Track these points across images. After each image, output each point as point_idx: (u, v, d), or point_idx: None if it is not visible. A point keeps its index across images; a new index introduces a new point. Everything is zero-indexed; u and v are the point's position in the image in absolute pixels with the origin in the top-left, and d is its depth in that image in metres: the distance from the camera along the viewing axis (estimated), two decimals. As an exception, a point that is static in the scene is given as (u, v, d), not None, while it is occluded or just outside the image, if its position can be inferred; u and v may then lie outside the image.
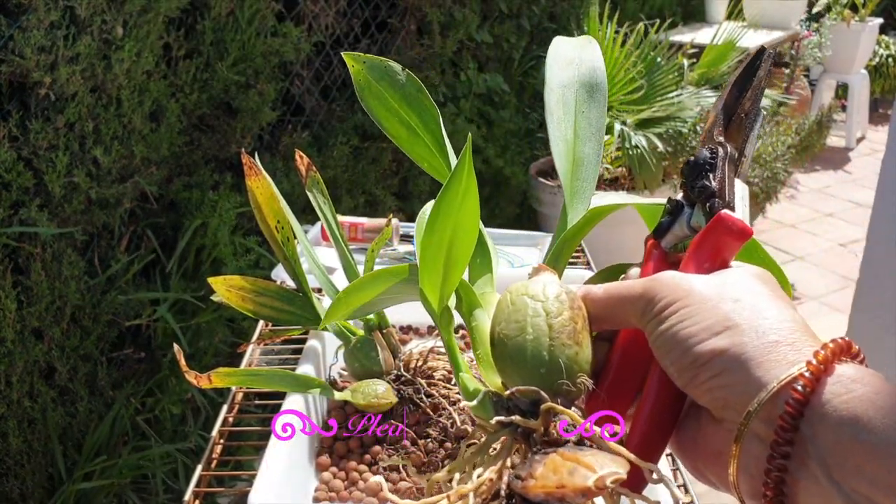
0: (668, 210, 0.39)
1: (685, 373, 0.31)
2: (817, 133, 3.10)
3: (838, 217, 3.38)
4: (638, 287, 0.34)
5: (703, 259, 0.36)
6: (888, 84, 4.38)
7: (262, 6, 1.83)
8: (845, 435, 0.27)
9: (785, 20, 3.65)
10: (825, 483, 0.28)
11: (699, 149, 0.39)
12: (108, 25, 1.51)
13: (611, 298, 0.36)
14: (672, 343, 0.32)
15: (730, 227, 0.35)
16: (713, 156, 0.38)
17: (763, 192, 2.76)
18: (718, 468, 0.32)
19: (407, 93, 0.44)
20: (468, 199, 0.35)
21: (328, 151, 2.11)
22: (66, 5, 1.44)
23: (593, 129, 0.44)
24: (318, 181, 0.76)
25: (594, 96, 0.45)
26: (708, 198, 0.37)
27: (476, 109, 2.63)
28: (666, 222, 0.39)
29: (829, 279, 2.84)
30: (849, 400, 0.28)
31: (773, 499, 0.29)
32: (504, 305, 0.36)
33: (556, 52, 0.46)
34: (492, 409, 0.36)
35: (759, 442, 0.29)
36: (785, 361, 0.29)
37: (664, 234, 0.39)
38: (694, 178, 0.38)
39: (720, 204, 0.36)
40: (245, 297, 0.72)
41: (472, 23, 2.48)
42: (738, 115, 0.39)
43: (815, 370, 0.29)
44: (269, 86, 1.88)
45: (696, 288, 0.33)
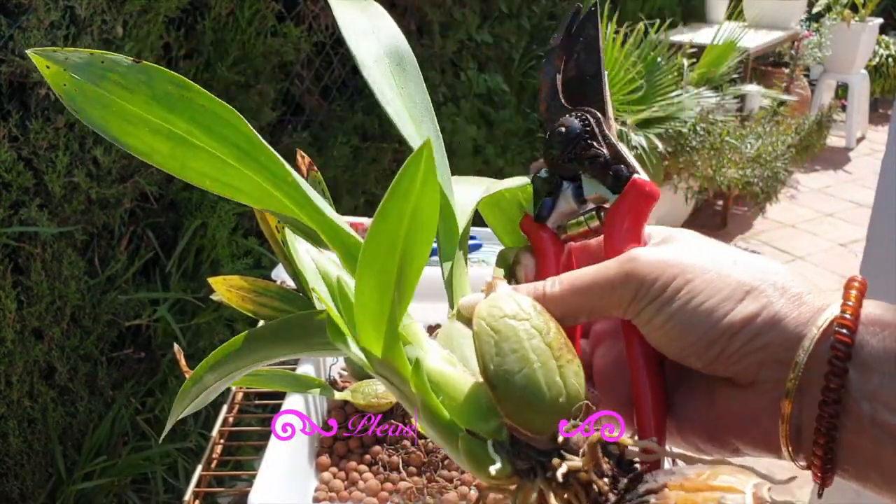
0: (545, 190, 0.37)
1: (713, 347, 0.30)
2: (817, 133, 3.11)
3: (838, 217, 3.38)
4: (613, 274, 0.32)
5: (625, 229, 0.35)
6: (888, 84, 4.38)
7: (263, 6, 1.83)
8: (888, 374, 0.28)
9: (785, 20, 3.65)
10: (870, 427, 0.28)
11: (561, 120, 0.37)
12: (108, 25, 1.51)
13: (578, 293, 0.33)
14: (693, 321, 0.30)
15: (646, 191, 0.35)
16: (586, 123, 0.36)
17: (763, 192, 2.76)
18: (754, 433, 0.31)
19: (160, 92, 0.32)
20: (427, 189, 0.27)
21: (328, 151, 2.11)
22: (66, 5, 1.44)
23: (421, 108, 0.39)
24: (319, 180, 0.76)
25: (407, 69, 0.40)
26: (606, 166, 0.35)
27: (476, 109, 2.63)
28: (548, 202, 0.37)
29: (830, 279, 2.84)
30: (885, 338, 0.28)
31: (824, 447, 0.28)
32: (485, 336, 0.30)
33: (346, 19, 0.39)
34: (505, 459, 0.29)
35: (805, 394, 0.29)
36: (817, 309, 0.30)
37: (549, 215, 0.37)
38: (572, 149, 0.36)
39: (626, 169, 0.35)
40: (245, 297, 0.71)
41: (472, 23, 2.48)
42: (582, 79, 0.37)
43: (853, 311, 0.29)
44: (270, 86, 1.88)
45: (686, 260, 0.32)
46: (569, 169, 0.37)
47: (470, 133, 2.53)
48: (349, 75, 2.27)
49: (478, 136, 2.60)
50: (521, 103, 2.90)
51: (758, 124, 2.85)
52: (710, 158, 2.65)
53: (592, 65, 0.37)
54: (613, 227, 0.35)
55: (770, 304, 0.30)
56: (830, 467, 0.29)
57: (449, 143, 2.48)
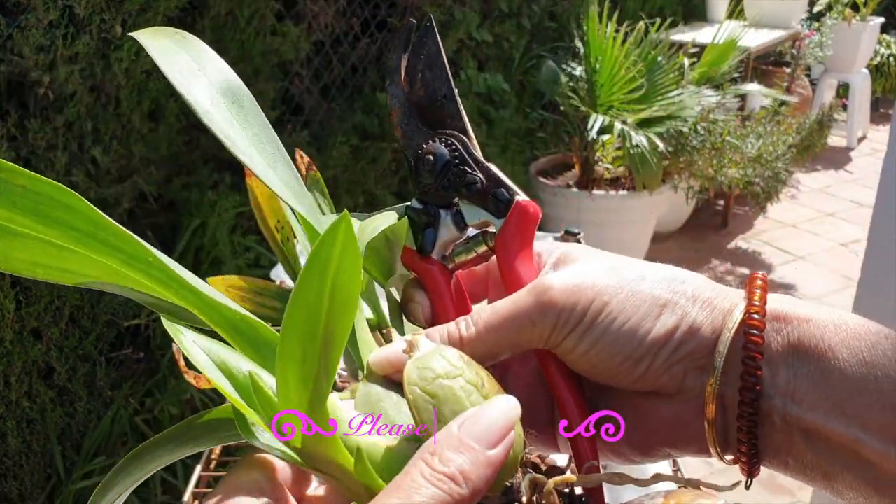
0: (423, 221, 0.35)
1: (639, 365, 0.31)
2: (818, 132, 3.10)
3: (839, 217, 3.37)
4: (530, 306, 0.32)
5: (516, 251, 0.34)
6: (889, 83, 4.37)
7: (262, 5, 1.83)
8: (793, 367, 0.29)
9: (786, 19, 3.65)
10: (781, 421, 0.29)
11: (426, 147, 0.35)
12: (107, 24, 1.51)
13: (496, 331, 0.32)
14: (617, 343, 0.31)
15: (530, 212, 0.34)
16: (453, 148, 0.35)
17: (764, 192, 2.75)
18: (683, 438, 0.32)
19: None
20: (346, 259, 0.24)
21: (328, 151, 2.11)
22: (65, 4, 1.44)
23: (270, 147, 0.35)
24: (319, 180, 0.76)
25: (245, 106, 0.35)
26: (484, 191, 0.34)
27: (476, 108, 2.63)
28: (430, 233, 0.35)
29: (831, 279, 2.83)
30: (788, 333, 0.30)
31: (748, 444, 0.30)
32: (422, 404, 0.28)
33: (165, 60, 0.33)
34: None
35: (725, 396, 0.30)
36: (726, 311, 0.31)
37: (433, 247, 0.36)
38: (444, 176, 0.34)
39: (506, 192, 0.34)
40: (244, 297, 0.71)
41: (472, 22, 2.48)
42: (434, 100, 0.35)
43: (759, 310, 0.30)
44: (269, 85, 1.88)
45: (598, 282, 0.32)
46: (444, 197, 0.35)
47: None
48: (348, 75, 2.27)
49: (478, 135, 2.60)
50: (521, 103, 2.89)
51: (759, 124, 2.84)
52: (710, 158, 2.65)
53: (442, 84, 0.36)
54: (506, 252, 0.34)
55: (686, 315, 0.31)
56: (756, 461, 0.31)
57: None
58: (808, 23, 3.95)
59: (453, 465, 0.25)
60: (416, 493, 0.24)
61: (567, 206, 2.64)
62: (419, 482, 0.25)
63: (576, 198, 2.64)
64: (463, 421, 0.27)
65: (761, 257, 3.02)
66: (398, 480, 0.25)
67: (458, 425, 0.26)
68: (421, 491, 0.24)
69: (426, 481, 0.25)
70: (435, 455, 0.25)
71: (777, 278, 2.85)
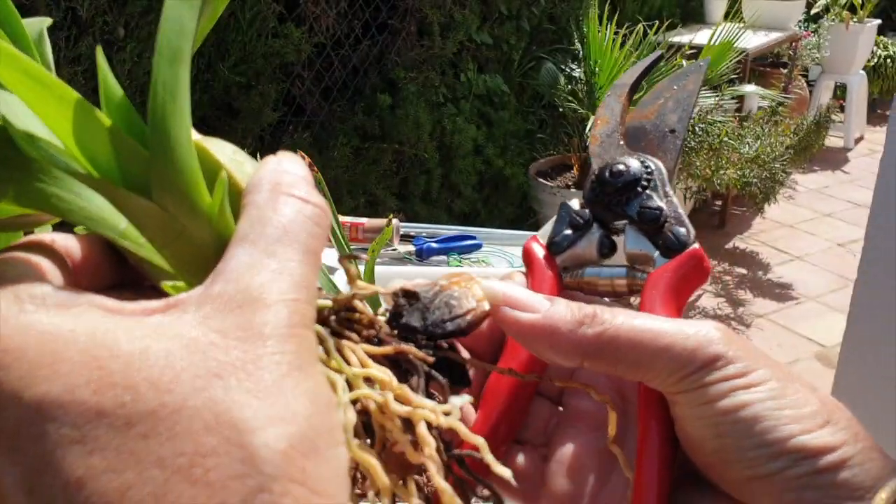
0: (569, 222, 0.31)
1: (772, 462, 0.25)
2: (816, 133, 3.11)
3: (837, 217, 3.39)
4: (687, 330, 0.26)
5: (667, 301, 0.29)
6: (886, 84, 4.39)
7: (264, 7, 1.84)
8: None
9: (784, 21, 3.66)
10: None
11: (619, 158, 0.32)
12: (109, 27, 1.52)
13: (636, 333, 0.27)
14: (763, 422, 0.25)
15: (703, 266, 0.30)
16: (649, 171, 0.31)
17: (762, 193, 2.77)
18: None
19: None
20: None
21: (329, 152, 2.12)
22: (68, 6, 1.45)
23: None
24: (320, 181, 0.77)
25: None
26: (663, 223, 0.30)
27: (476, 110, 2.64)
28: (568, 237, 0.31)
29: (828, 279, 2.84)
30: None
31: None
32: None
33: None
34: None
35: None
36: (885, 468, 0.26)
37: (562, 250, 0.31)
38: (626, 192, 0.31)
39: (687, 234, 0.30)
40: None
41: (472, 24, 2.49)
42: (658, 129, 0.33)
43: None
44: (271, 87, 1.89)
45: (768, 360, 0.27)
46: (610, 214, 0.31)
47: (470, 133, 2.54)
48: (350, 76, 2.28)
49: (477, 136, 2.61)
50: (520, 104, 2.90)
51: (756, 125, 2.86)
52: (708, 159, 2.66)
53: (678, 120, 0.33)
54: (654, 295, 0.29)
55: (846, 444, 0.26)
56: None
57: (449, 143, 2.49)
58: (806, 24, 3.96)
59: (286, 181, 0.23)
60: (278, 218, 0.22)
61: (566, 207, 2.66)
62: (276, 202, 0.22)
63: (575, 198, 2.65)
64: None
65: (759, 257, 3.03)
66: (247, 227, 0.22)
67: None
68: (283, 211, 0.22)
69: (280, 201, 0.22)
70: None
71: (775, 278, 2.87)
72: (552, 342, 0.27)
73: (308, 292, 0.21)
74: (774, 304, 2.69)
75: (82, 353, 0.19)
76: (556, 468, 0.30)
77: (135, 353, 0.19)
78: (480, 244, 1.33)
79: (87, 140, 0.23)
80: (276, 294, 0.20)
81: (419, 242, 1.34)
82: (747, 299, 2.72)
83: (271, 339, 0.20)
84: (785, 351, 2.41)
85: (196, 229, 0.24)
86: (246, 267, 0.21)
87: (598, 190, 0.32)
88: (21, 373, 0.18)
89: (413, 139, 2.29)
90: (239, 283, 0.20)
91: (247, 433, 0.18)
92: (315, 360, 0.21)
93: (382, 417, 0.23)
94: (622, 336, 0.26)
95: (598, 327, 0.27)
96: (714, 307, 2.66)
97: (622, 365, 0.27)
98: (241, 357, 0.19)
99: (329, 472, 0.19)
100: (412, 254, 1.33)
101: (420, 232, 1.39)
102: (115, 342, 0.19)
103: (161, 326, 0.20)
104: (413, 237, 1.37)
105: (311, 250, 0.22)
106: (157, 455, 0.17)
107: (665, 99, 0.34)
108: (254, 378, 0.19)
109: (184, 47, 0.23)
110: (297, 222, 0.22)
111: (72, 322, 0.19)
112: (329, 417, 0.20)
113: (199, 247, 0.23)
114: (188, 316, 0.20)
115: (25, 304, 0.20)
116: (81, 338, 0.19)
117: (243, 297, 0.20)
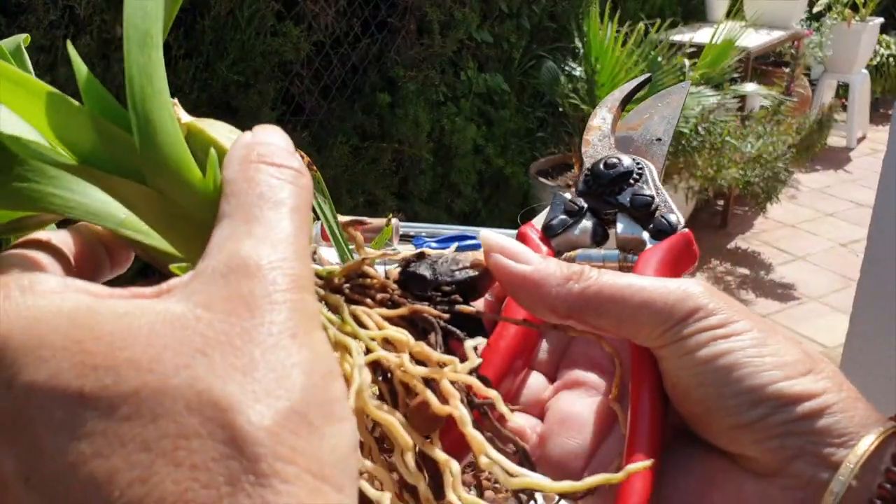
0: (564, 208, 0.33)
1: (754, 409, 0.25)
2: (818, 133, 3.10)
3: (839, 217, 3.38)
4: (667, 286, 0.27)
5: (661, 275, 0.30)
6: (889, 84, 4.38)
7: (262, 6, 1.83)
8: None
9: (786, 19, 3.65)
10: None
11: (612, 153, 0.34)
12: (107, 25, 1.51)
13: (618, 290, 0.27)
14: (744, 370, 0.25)
15: (692, 249, 0.31)
16: (640, 166, 0.33)
17: (764, 192, 2.76)
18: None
19: None
20: None
21: (328, 151, 2.11)
22: (66, 5, 1.44)
23: None
24: (319, 180, 0.76)
25: None
26: (654, 210, 0.32)
27: (476, 109, 2.63)
28: (563, 221, 0.33)
29: (830, 279, 2.83)
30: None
31: None
32: None
33: None
34: None
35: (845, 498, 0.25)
36: (875, 417, 0.26)
37: (556, 234, 0.33)
38: (618, 184, 0.33)
39: (677, 219, 0.31)
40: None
41: (472, 22, 2.48)
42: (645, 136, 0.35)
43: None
44: (269, 85, 1.88)
45: (751, 314, 0.27)
46: (603, 204, 0.33)
47: (470, 132, 2.53)
48: (348, 75, 2.27)
49: (478, 135, 2.60)
50: (521, 103, 2.90)
51: (758, 124, 2.85)
52: (710, 158, 2.65)
53: (664, 131, 0.36)
54: (646, 271, 0.30)
55: (828, 392, 0.26)
56: None
57: (449, 142, 2.48)
58: (808, 23, 3.95)
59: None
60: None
61: (567, 207, 2.65)
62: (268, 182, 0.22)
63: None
64: None
65: (761, 257, 3.02)
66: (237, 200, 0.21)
67: None
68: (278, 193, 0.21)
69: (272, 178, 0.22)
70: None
71: (777, 278, 2.86)
72: (541, 294, 0.27)
73: (296, 249, 0.20)
74: (776, 304, 2.68)
75: (65, 336, 0.18)
76: (553, 429, 0.30)
77: (116, 333, 0.18)
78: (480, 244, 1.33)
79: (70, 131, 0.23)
80: (262, 258, 0.19)
81: (419, 242, 1.33)
82: (749, 299, 2.71)
83: (260, 307, 0.19)
84: (787, 351, 2.40)
85: (194, 209, 0.23)
86: (226, 238, 0.20)
87: (591, 182, 0.33)
88: (8, 361, 0.18)
89: (412, 138, 2.28)
90: (221, 254, 0.20)
91: (230, 411, 0.17)
92: (313, 325, 0.20)
93: (404, 376, 0.23)
94: (605, 291, 0.27)
95: (584, 282, 0.27)
96: (715, 307, 2.65)
97: (606, 319, 0.27)
98: (226, 330, 0.18)
99: (326, 449, 0.18)
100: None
101: (420, 232, 1.39)
102: (98, 322, 0.18)
103: (145, 305, 0.19)
104: (413, 237, 1.36)
105: (294, 208, 0.21)
106: (142, 438, 0.17)
107: (650, 114, 0.36)
108: (240, 352, 0.18)
109: (151, 30, 0.23)
110: (272, 185, 0.22)
111: (56, 306, 0.19)
112: (327, 390, 0.19)
113: (200, 226, 0.23)
114: (175, 295, 0.19)
115: (12, 291, 0.19)
116: (64, 321, 0.18)
117: (226, 267, 0.19)
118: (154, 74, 0.23)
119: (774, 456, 0.25)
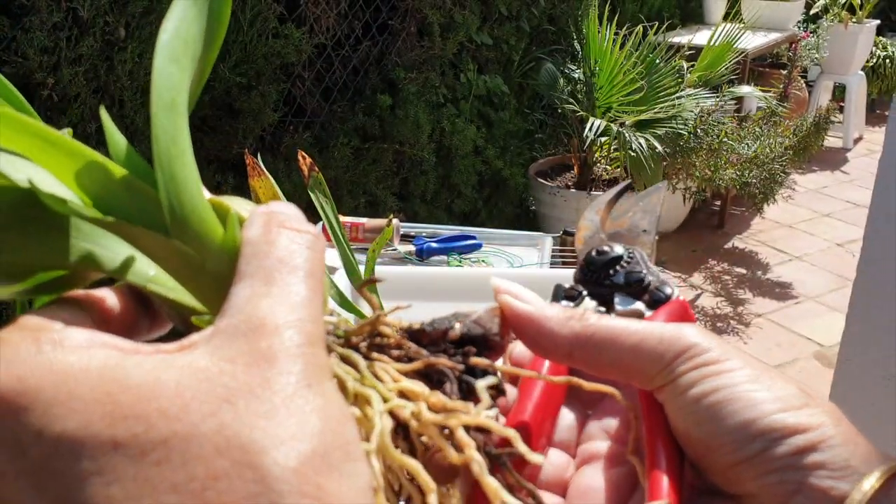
0: (564, 294, 0.35)
1: (752, 443, 0.25)
2: (815, 134, 3.12)
3: (836, 217, 3.39)
4: (660, 328, 0.28)
5: None
6: (885, 85, 4.40)
7: (264, 8, 1.84)
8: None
9: (783, 21, 3.67)
10: None
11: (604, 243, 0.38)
12: (110, 27, 1.52)
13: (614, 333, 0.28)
14: (740, 404, 0.25)
15: (688, 314, 0.33)
16: (630, 252, 0.36)
17: (761, 193, 2.77)
18: None
19: None
20: None
21: (329, 152, 2.12)
22: (69, 7, 1.45)
23: None
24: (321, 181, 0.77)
25: None
26: (647, 286, 0.34)
27: (476, 111, 2.64)
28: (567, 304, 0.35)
29: (827, 279, 2.85)
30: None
31: None
32: None
33: None
34: None
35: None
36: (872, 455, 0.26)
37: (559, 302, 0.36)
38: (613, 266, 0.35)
39: (669, 289, 0.34)
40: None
41: (471, 25, 2.49)
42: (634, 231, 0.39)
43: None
44: (271, 87, 1.89)
45: (744, 355, 0.27)
46: (599, 288, 0.35)
47: (470, 134, 2.54)
48: (350, 77, 2.28)
49: (477, 136, 2.61)
50: (520, 104, 2.91)
51: (755, 125, 2.86)
52: (708, 159, 2.67)
53: (648, 224, 0.39)
54: None
55: (824, 426, 0.25)
56: None
57: (449, 143, 2.49)
58: (805, 25, 3.97)
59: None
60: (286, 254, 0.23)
61: (566, 207, 2.66)
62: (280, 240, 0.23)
63: (574, 198, 2.66)
64: None
65: (758, 257, 3.04)
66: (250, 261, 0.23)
67: None
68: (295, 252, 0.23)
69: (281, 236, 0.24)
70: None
71: (773, 278, 2.87)
72: (544, 330, 0.28)
73: (310, 311, 0.22)
74: (773, 303, 2.69)
75: (94, 389, 0.19)
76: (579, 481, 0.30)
77: (145, 385, 0.19)
78: (480, 244, 1.34)
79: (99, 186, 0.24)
80: (279, 318, 0.21)
81: (419, 242, 1.34)
82: (746, 299, 2.72)
83: (278, 360, 0.20)
84: (784, 350, 2.42)
85: (214, 263, 0.25)
86: (247, 299, 0.22)
87: (587, 270, 0.36)
88: (39, 412, 0.19)
89: (413, 139, 2.29)
90: (242, 313, 0.21)
91: (257, 454, 0.18)
92: (326, 377, 0.21)
93: (420, 426, 0.24)
94: (603, 331, 0.28)
95: (583, 321, 0.28)
96: (713, 307, 2.66)
97: (604, 361, 0.28)
98: (248, 381, 0.20)
99: (347, 487, 0.19)
100: (412, 254, 1.33)
101: (420, 232, 1.40)
102: (126, 376, 0.20)
103: (170, 359, 0.20)
104: (413, 237, 1.37)
105: (310, 273, 0.23)
106: (171, 481, 0.18)
107: (634, 212, 0.40)
108: (262, 400, 0.19)
109: (177, 99, 0.25)
110: (291, 250, 0.23)
111: (85, 361, 0.20)
112: (343, 433, 0.20)
113: (219, 280, 0.24)
114: (198, 350, 0.21)
115: (43, 346, 0.20)
116: (94, 374, 0.20)
117: (247, 325, 0.21)
118: (178, 136, 0.25)
119: (775, 492, 0.25)
